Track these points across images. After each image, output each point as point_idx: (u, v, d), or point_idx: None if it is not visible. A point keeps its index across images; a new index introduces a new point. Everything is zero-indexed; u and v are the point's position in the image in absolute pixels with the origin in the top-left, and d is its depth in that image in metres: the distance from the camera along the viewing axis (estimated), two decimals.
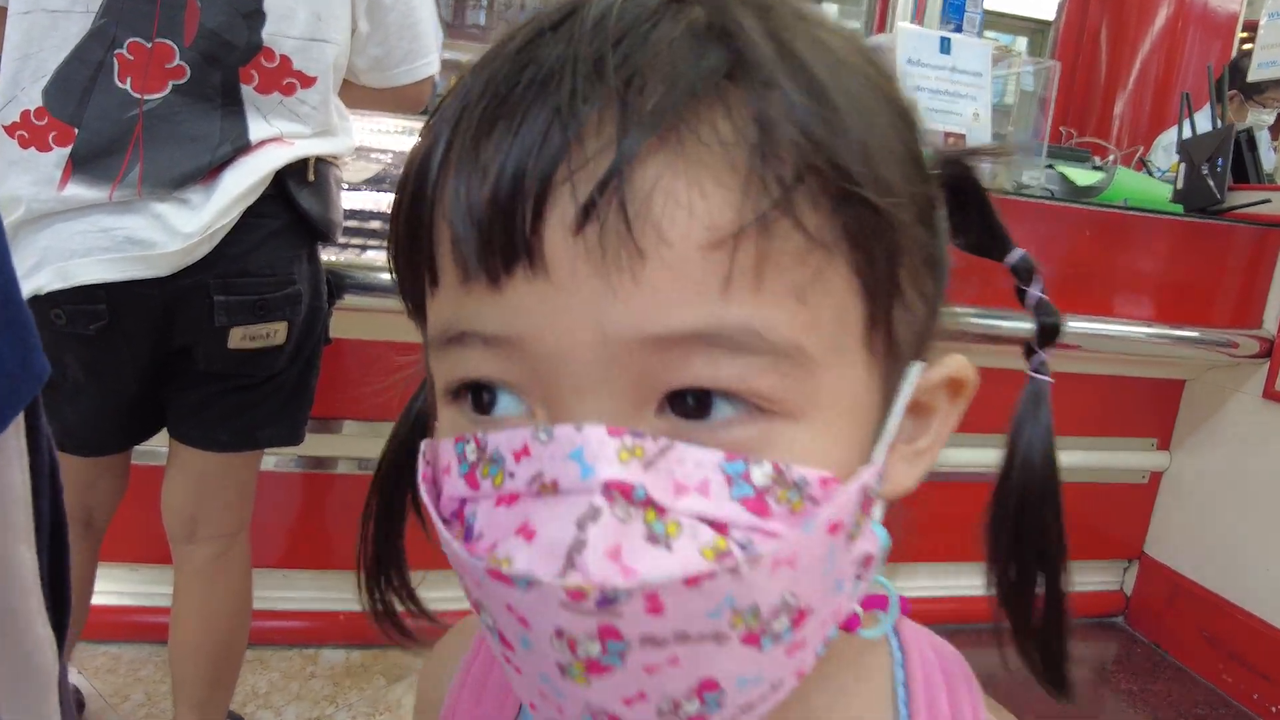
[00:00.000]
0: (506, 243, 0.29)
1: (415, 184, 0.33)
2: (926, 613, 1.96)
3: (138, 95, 1.03)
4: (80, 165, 1.02)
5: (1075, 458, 2.26)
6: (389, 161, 2.15)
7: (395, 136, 1.95)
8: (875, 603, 0.38)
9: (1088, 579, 2.45)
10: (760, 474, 0.30)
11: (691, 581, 0.28)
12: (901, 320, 0.33)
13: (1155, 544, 2.40)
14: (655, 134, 0.28)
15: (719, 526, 0.29)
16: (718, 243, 0.28)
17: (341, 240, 1.34)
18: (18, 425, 0.35)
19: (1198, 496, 2.29)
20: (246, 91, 1.07)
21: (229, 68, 1.06)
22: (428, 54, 1.33)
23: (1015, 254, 0.41)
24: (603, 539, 0.28)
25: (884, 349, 0.33)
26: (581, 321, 0.29)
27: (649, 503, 0.29)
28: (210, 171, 1.04)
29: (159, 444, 1.31)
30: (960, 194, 0.38)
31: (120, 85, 1.02)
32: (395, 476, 0.45)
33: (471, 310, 0.31)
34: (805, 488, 0.30)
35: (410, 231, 0.33)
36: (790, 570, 0.30)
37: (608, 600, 0.28)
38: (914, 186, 0.33)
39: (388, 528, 0.46)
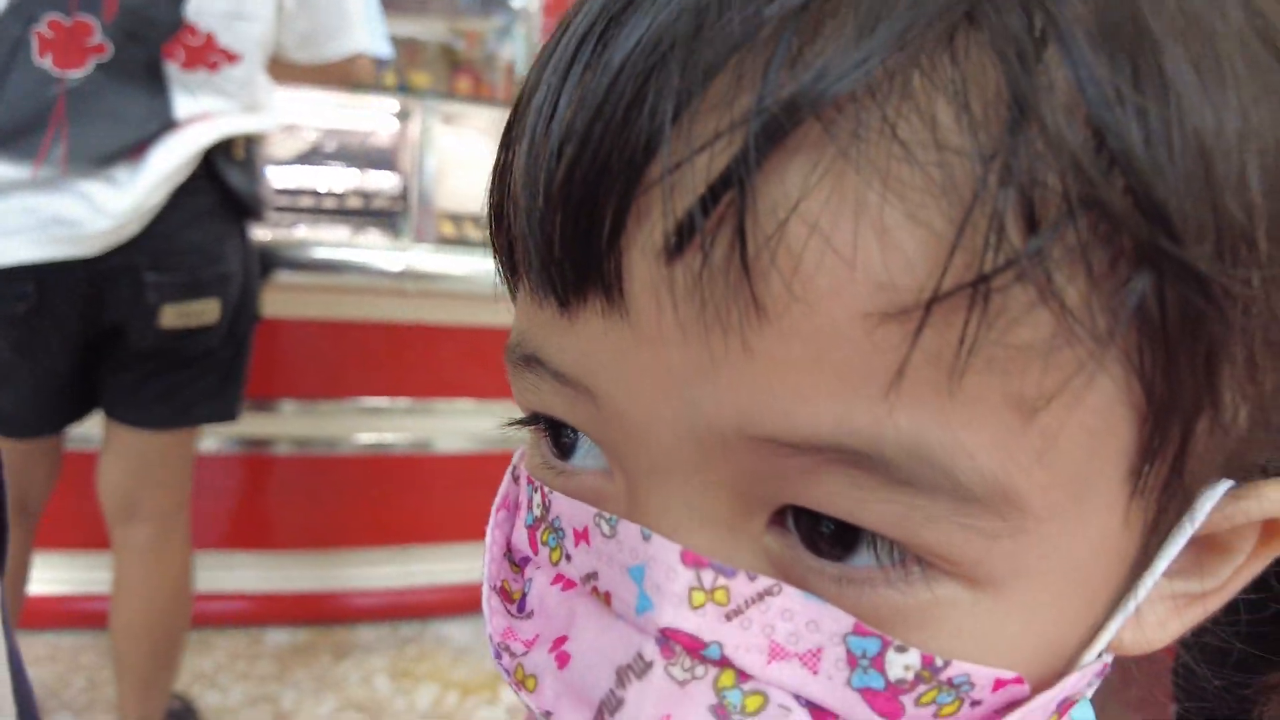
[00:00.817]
0: (576, 258, 0.20)
1: (506, 129, 0.23)
2: None
3: (59, 73, 1.02)
4: (1, 143, 1.01)
5: None
6: (318, 138, 2.13)
7: (325, 111, 1.94)
8: None
9: None
10: (900, 665, 0.20)
11: None
12: (1205, 443, 0.20)
13: None
14: (815, 116, 0.17)
15: (825, 714, 0.21)
16: (895, 313, 0.17)
17: (272, 217, 1.34)
18: None
19: None
20: (171, 69, 1.07)
21: (152, 44, 1.05)
22: (355, 29, 1.33)
23: None
24: (649, 704, 0.20)
25: (1163, 485, 0.21)
26: (667, 389, 0.20)
27: (726, 663, 0.20)
28: (137, 149, 1.04)
29: (92, 429, 1.30)
30: None
31: (40, 62, 1.02)
32: None
33: (542, 332, 0.22)
34: (966, 691, 0.20)
35: (495, 189, 0.24)
36: None
37: None
38: None
39: None
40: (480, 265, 1.74)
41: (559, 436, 0.24)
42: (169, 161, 1.06)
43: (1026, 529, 0.19)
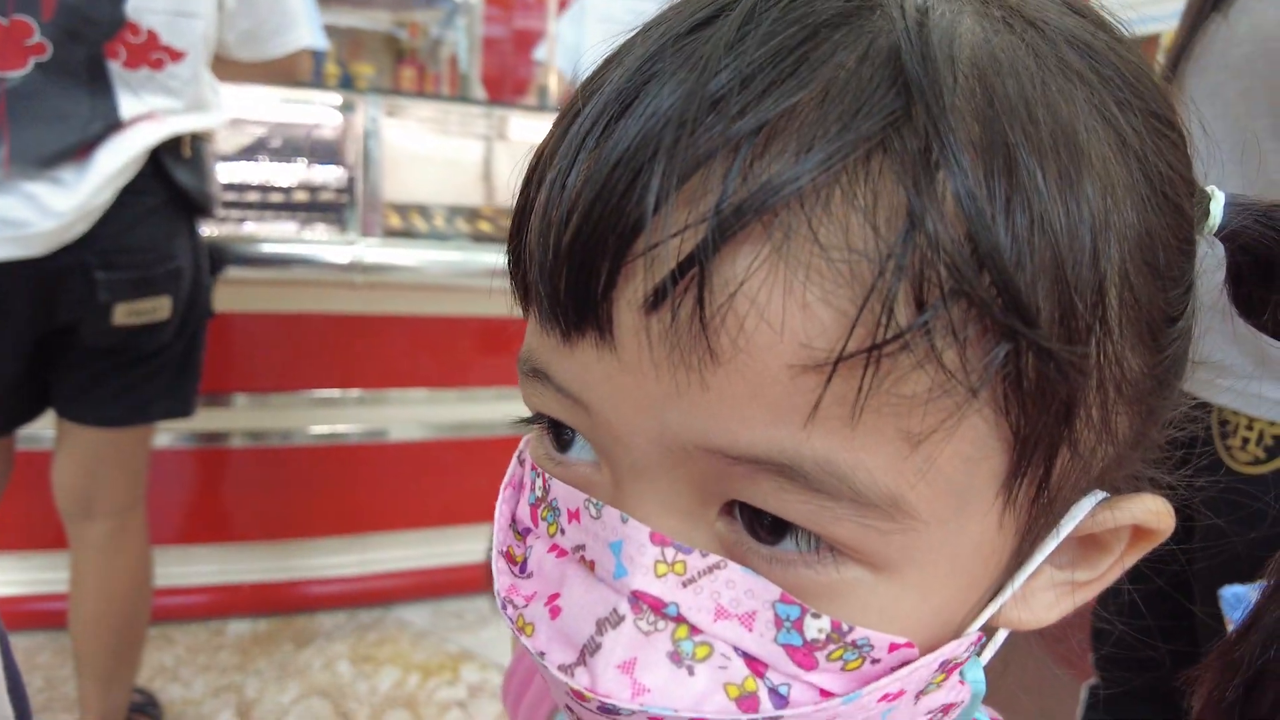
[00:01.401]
0: (577, 303, 0.25)
1: (528, 170, 0.29)
2: None
3: None
4: None
5: None
6: (263, 133, 2.13)
7: (270, 107, 1.94)
8: None
9: None
10: (815, 628, 0.26)
11: None
12: (1067, 468, 0.27)
13: None
14: (758, 219, 0.23)
15: (756, 663, 0.26)
16: (812, 366, 0.23)
17: (220, 213, 1.35)
18: None
19: None
20: (114, 68, 1.07)
21: (93, 43, 1.05)
22: (298, 26, 1.34)
23: None
24: (619, 649, 0.26)
25: (1032, 499, 0.27)
26: (644, 408, 0.25)
27: (681, 619, 0.26)
28: (81, 149, 1.04)
29: (41, 428, 1.30)
30: (1258, 259, 0.31)
31: None
32: None
33: (548, 354, 0.28)
34: (867, 651, 0.26)
35: (515, 231, 0.29)
36: None
37: (609, 710, 0.26)
38: (1149, 294, 0.26)
39: None
40: (427, 256, 1.77)
41: (559, 434, 0.30)
42: (115, 161, 1.06)
43: (916, 528, 0.25)
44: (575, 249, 0.25)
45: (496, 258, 0.30)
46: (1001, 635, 0.31)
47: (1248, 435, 0.78)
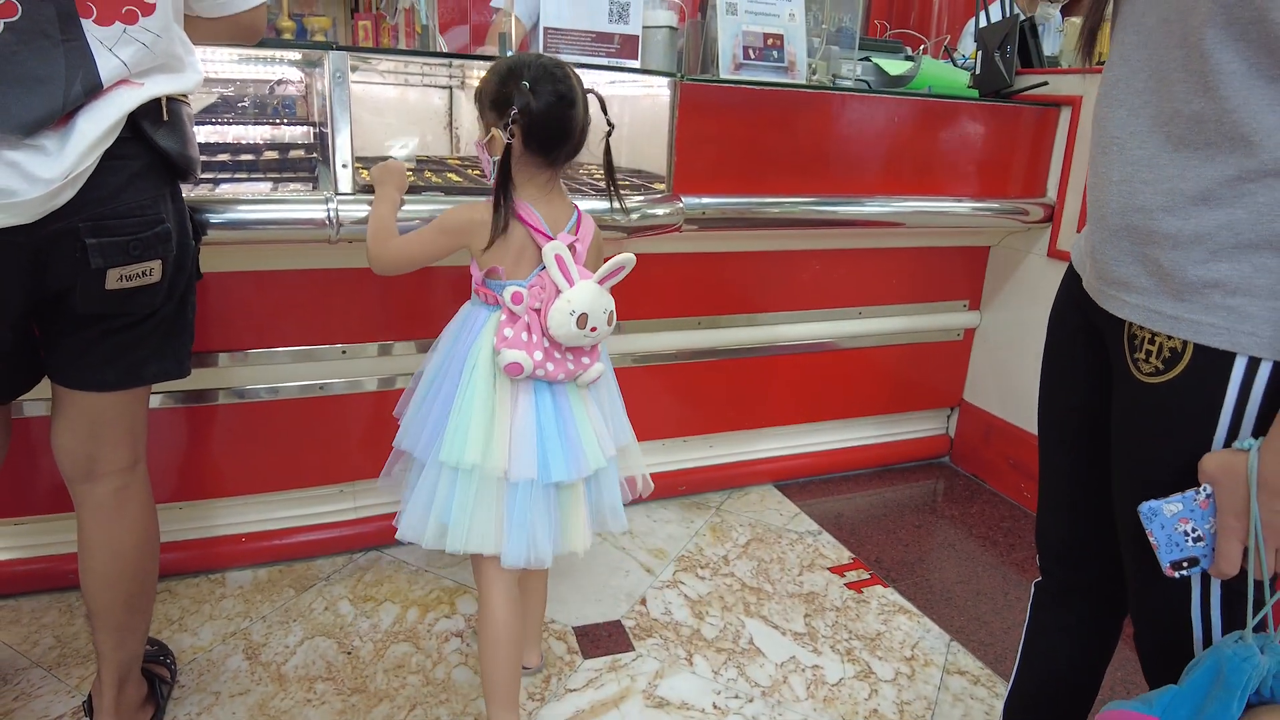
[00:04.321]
0: None
1: None
2: (804, 466, 2.21)
3: None
4: None
5: (902, 322, 2.56)
6: (229, 93, 2.11)
7: (230, 65, 1.93)
8: None
9: (920, 427, 2.81)
10: None
11: None
12: None
13: (972, 391, 2.77)
14: None
15: None
16: None
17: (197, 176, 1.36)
18: None
19: (1003, 347, 2.65)
20: (87, 25, 1.06)
21: (62, 1, 1.04)
22: None
23: None
24: None
25: None
26: None
27: None
28: (63, 116, 1.05)
29: (27, 397, 1.33)
30: None
31: None
32: None
33: None
34: None
35: None
36: None
37: None
38: None
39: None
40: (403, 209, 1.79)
41: None
42: (96, 127, 1.06)
43: None
44: None
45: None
46: None
47: (1150, 349, 0.86)
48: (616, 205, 1.48)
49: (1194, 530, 0.81)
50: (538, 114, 1.28)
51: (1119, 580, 1.02)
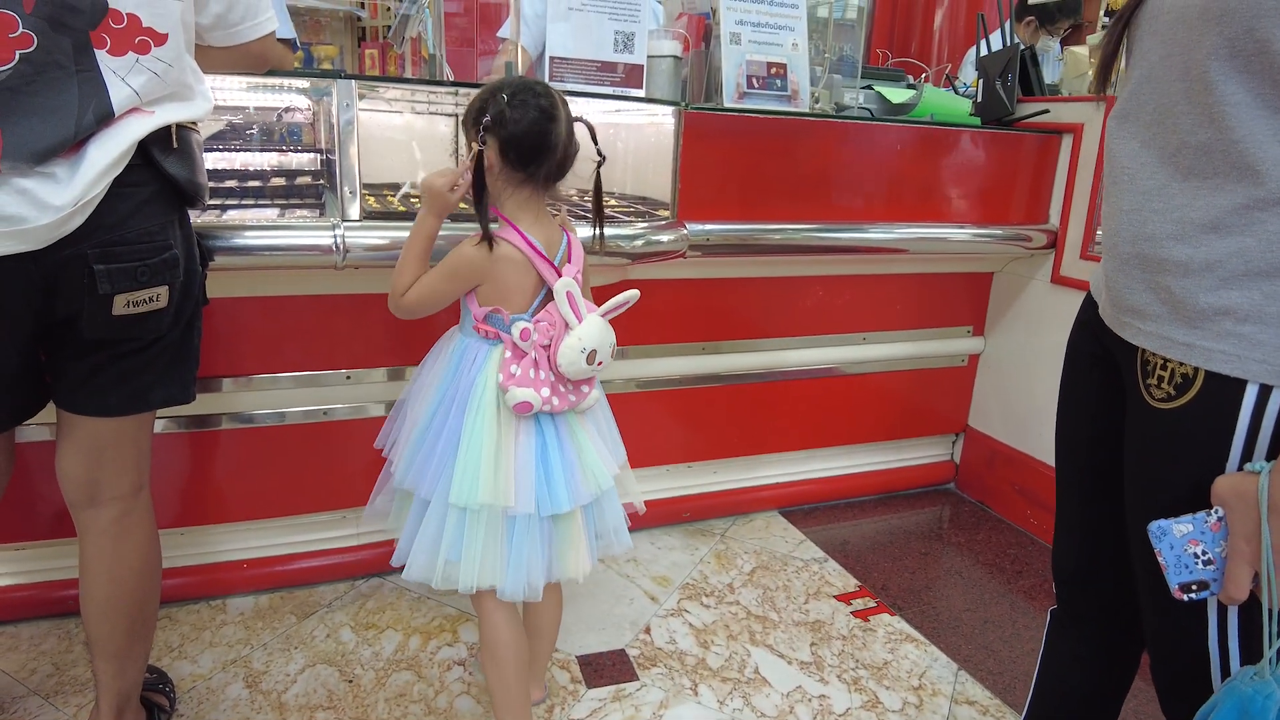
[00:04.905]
0: None
1: None
2: (808, 492, 2.20)
3: None
4: None
5: (906, 348, 2.56)
6: (237, 120, 2.13)
7: (239, 93, 1.94)
8: None
9: (925, 453, 2.80)
10: None
11: None
12: None
13: (977, 417, 2.76)
14: None
15: None
16: None
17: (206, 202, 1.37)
18: None
19: (1007, 372, 2.64)
20: (100, 55, 1.08)
21: (78, 32, 1.06)
22: (267, 10, 1.36)
23: None
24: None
25: None
26: None
27: None
28: (74, 144, 1.05)
29: (29, 422, 1.32)
30: None
31: None
32: None
33: None
34: None
35: None
36: None
37: None
38: None
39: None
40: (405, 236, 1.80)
41: None
42: (107, 155, 1.07)
43: None
44: None
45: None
46: None
47: (1162, 374, 0.86)
48: (597, 233, 1.47)
49: (1204, 553, 0.80)
50: (514, 123, 1.28)
51: (1137, 608, 1.02)
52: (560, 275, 1.32)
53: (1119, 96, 0.93)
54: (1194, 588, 0.81)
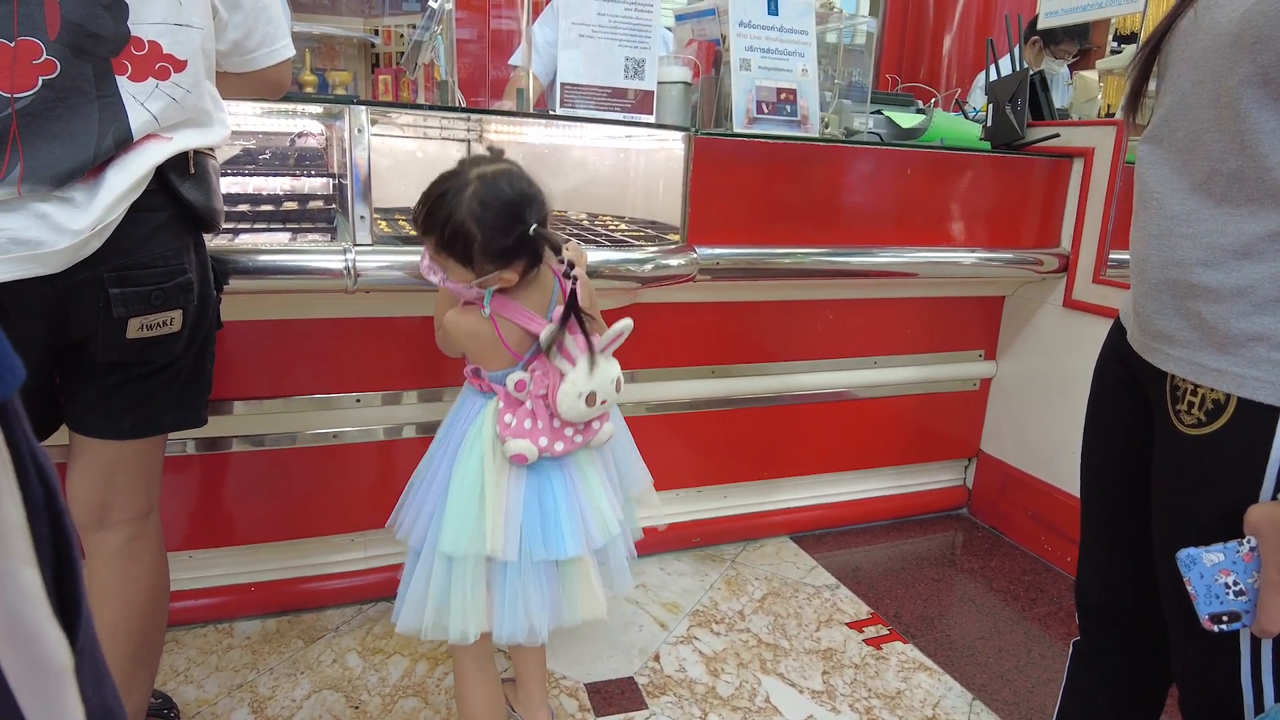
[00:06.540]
0: None
1: None
2: (823, 517, 2.19)
3: (7, 94, 1.03)
4: None
5: (917, 372, 2.55)
6: (251, 145, 2.15)
7: (253, 118, 1.96)
8: None
9: (937, 478, 2.77)
10: None
11: None
12: None
13: (989, 441, 2.74)
14: None
15: None
16: None
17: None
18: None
19: (1019, 397, 2.62)
20: (121, 81, 1.09)
21: (100, 59, 1.07)
22: (283, 37, 1.37)
23: None
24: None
25: None
26: None
27: None
28: (93, 169, 1.07)
29: (43, 444, 1.33)
30: None
31: None
32: None
33: None
34: None
35: None
36: None
37: None
38: None
39: None
40: (416, 260, 1.80)
41: None
42: (125, 180, 1.08)
43: None
44: None
45: None
46: None
47: (1193, 400, 0.85)
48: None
49: (1236, 583, 0.79)
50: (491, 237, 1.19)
51: (1163, 641, 0.99)
52: (546, 323, 1.28)
53: (1150, 123, 0.93)
54: (1225, 619, 0.80)
